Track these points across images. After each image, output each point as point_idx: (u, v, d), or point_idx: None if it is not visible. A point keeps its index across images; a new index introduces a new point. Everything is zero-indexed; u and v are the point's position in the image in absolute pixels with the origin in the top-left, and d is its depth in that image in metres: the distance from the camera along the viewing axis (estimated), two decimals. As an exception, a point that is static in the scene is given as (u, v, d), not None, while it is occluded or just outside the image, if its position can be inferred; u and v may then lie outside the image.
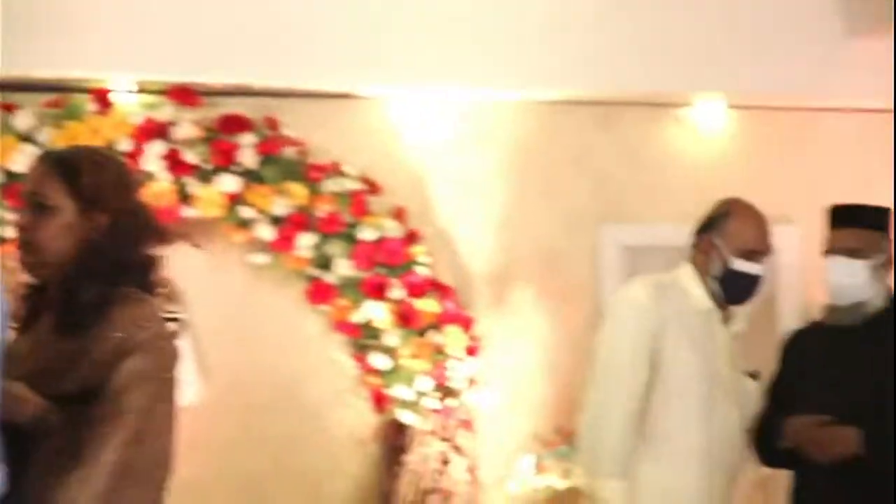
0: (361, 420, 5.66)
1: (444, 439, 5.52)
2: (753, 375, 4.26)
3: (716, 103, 5.94)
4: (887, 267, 4.26)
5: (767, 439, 4.25)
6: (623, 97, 5.86)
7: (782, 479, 4.35)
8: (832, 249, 4.25)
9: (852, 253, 4.21)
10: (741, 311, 4.25)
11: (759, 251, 4.18)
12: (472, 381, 5.57)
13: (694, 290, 4.19)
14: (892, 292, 4.26)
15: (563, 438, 5.63)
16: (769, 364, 4.51)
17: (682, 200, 5.90)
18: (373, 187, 5.62)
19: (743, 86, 5.78)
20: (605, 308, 5.74)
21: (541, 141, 5.90)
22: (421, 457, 5.50)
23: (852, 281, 4.20)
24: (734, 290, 4.19)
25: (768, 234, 4.24)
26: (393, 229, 5.58)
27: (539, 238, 5.87)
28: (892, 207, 4.29)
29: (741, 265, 4.16)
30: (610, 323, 4.22)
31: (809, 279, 5.84)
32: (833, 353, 4.24)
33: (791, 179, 5.97)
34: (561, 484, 5.50)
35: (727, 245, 4.17)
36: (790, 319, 5.69)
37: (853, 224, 4.25)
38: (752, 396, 4.25)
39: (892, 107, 5.65)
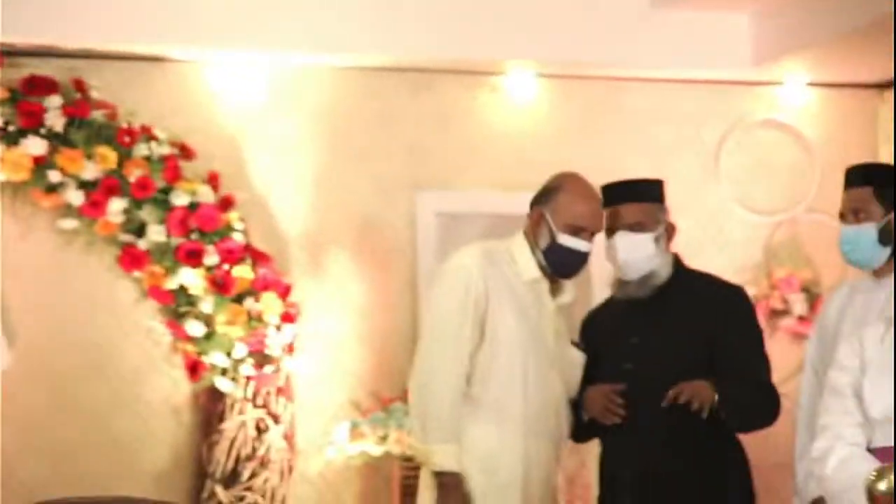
0: (176, 388, 5.57)
1: (261, 406, 5.47)
2: (579, 346, 4.29)
3: (526, 72, 5.99)
4: (667, 236, 4.34)
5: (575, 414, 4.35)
6: (435, 64, 5.86)
7: (594, 443, 4.42)
8: (613, 227, 4.31)
9: (634, 228, 4.27)
10: (569, 283, 4.27)
11: (587, 228, 4.17)
12: (288, 348, 5.53)
13: (523, 259, 4.18)
14: (676, 258, 4.35)
15: (379, 405, 5.62)
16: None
17: (496, 168, 5.95)
18: (186, 152, 5.53)
19: (552, 55, 5.84)
20: (423, 274, 5.81)
21: (354, 107, 5.88)
22: (237, 424, 5.44)
23: (638, 255, 4.26)
24: (560, 263, 4.19)
25: (599, 213, 4.23)
26: (207, 195, 5.50)
27: (355, 204, 5.85)
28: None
29: (567, 240, 4.15)
30: (438, 289, 4.19)
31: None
32: (629, 326, 4.31)
33: (600, 148, 6.06)
34: (376, 450, 5.49)
35: (555, 219, 4.16)
36: (603, 291, 5.76)
37: (631, 200, 4.31)
38: (578, 366, 4.27)
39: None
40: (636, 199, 4.31)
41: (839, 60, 5.81)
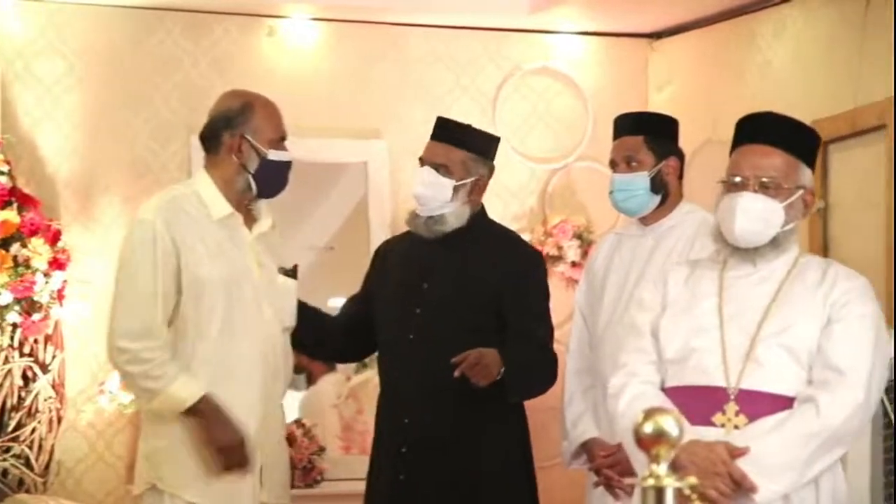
0: (-62, 336, 5.39)
1: (28, 355, 5.33)
2: (289, 273, 4.14)
3: (304, 15, 5.93)
4: (477, 191, 4.35)
5: None
6: (211, 5, 5.75)
7: (374, 387, 4.43)
8: (422, 159, 4.33)
9: (438, 168, 4.29)
10: (264, 210, 4.12)
11: (284, 137, 4.07)
12: (57, 295, 5.38)
13: (211, 198, 4.01)
14: (478, 215, 4.37)
15: (152, 353, 5.52)
16: (362, 274, 4.58)
17: (274, 112, 5.88)
18: (-54, 91, 5.34)
19: (328, -1, 5.81)
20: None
21: (128, 47, 5.74)
22: (2, 373, 5.29)
23: (433, 195, 4.28)
24: (272, 181, 4.04)
25: (283, 119, 4.11)
26: (-31, 136, 5.31)
27: (128, 148, 5.72)
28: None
29: (276, 154, 4.02)
30: (124, 248, 4.00)
31: (397, 192, 5.94)
32: (422, 269, 4.34)
33: (378, 94, 6.04)
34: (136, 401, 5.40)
35: (259, 137, 4.00)
36: (380, 232, 5.78)
37: (447, 141, 4.32)
38: (290, 293, 4.13)
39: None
40: (452, 143, 4.31)
41: (611, 10, 5.90)
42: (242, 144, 4.01)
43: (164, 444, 3.94)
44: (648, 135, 4.33)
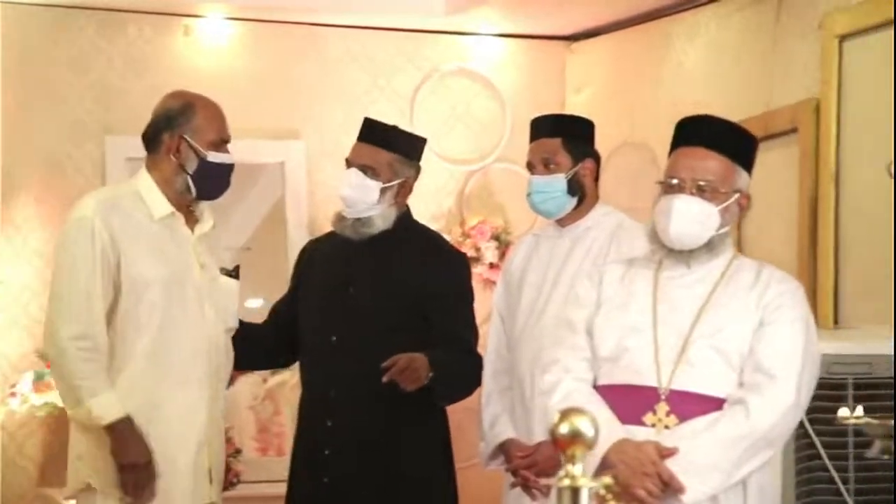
0: None
1: (-61, 357, 5.27)
2: (231, 273, 4.13)
3: (220, 15, 5.90)
4: (404, 192, 4.35)
5: None
6: (125, 4, 5.71)
7: (294, 390, 4.41)
8: (349, 160, 4.31)
9: (365, 170, 4.28)
10: (207, 211, 4.09)
11: (226, 140, 4.05)
12: (-31, 296, 5.33)
13: (152, 197, 3.98)
14: (404, 216, 4.37)
15: (66, 355, 5.47)
16: (279, 274, 4.56)
17: (189, 112, 5.83)
18: None
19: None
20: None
21: (41, 46, 5.67)
22: (-88, 376, 5.23)
23: (361, 197, 4.27)
24: (212, 183, 4.02)
25: (227, 122, 4.09)
26: None
27: (41, 148, 5.66)
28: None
29: (216, 156, 3.99)
30: (61, 246, 3.96)
31: (314, 192, 5.92)
32: (347, 272, 4.32)
33: (295, 94, 6.02)
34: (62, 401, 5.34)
35: (199, 139, 3.98)
36: (298, 233, 5.76)
37: (374, 142, 4.31)
38: (232, 294, 4.11)
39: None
40: (379, 144, 4.30)
41: (529, 12, 5.93)
42: (181, 145, 3.99)
43: (96, 443, 3.89)
44: (566, 137, 4.35)
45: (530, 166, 4.38)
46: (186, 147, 3.99)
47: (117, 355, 3.89)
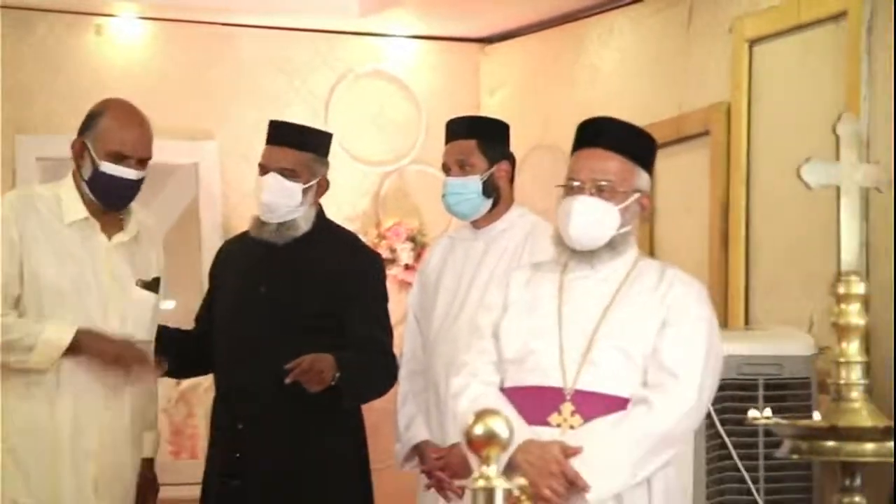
0: None
1: None
2: (149, 285, 4.07)
3: (131, 14, 5.85)
4: (319, 190, 4.33)
5: None
6: (35, 3, 5.64)
7: (208, 392, 4.38)
8: (266, 166, 4.27)
9: (285, 173, 4.24)
10: (132, 221, 4.05)
11: (130, 156, 3.94)
12: None
13: (68, 200, 3.96)
14: (320, 218, 4.36)
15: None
16: (193, 275, 4.53)
17: (101, 112, 5.77)
18: None
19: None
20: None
21: (-50, 45, 5.60)
22: None
23: (284, 201, 4.24)
24: (105, 193, 3.95)
25: (144, 139, 3.99)
26: None
27: (-51, 148, 5.59)
28: None
29: (110, 168, 3.92)
30: None
31: (228, 194, 5.89)
32: (260, 272, 4.30)
33: (208, 96, 5.98)
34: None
35: (97, 147, 3.93)
36: (212, 234, 5.73)
37: (290, 145, 4.28)
38: (145, 306, 4.06)
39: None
40: (293, 146, 4.27)
41: (443, 14, 5.94)
42: (84, 150, 3.96)
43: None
44: (481, 139, 4.37)
45: (445, 168, 4.39)
46: (86, 153, 3.96)
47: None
